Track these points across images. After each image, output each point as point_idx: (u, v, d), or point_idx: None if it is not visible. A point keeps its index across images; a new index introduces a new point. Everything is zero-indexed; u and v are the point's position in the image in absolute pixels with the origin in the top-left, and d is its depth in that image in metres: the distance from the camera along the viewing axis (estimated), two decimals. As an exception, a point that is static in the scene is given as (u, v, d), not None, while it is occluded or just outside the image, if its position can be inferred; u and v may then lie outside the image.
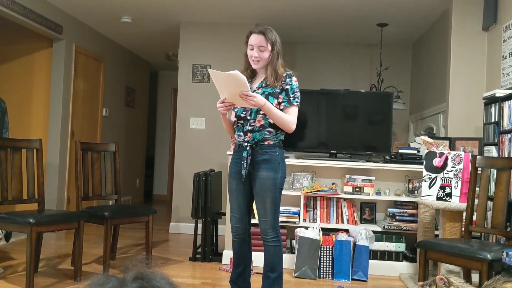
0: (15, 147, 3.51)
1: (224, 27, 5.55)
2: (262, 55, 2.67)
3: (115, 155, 4.07)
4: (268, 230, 2.70)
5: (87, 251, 4.11)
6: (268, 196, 2.68)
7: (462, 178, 3.14)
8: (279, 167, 2.69)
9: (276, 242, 2.72)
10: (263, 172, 2.67)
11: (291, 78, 2.70)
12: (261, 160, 2.67)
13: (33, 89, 5.41)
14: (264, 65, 2.72)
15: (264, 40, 2.67)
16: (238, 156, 2.74)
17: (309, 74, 6.40)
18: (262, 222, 2.72)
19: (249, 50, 2.71)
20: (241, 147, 2.72)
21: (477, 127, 4.18)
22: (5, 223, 3.23)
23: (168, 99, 8.93)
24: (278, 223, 2.76)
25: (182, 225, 5.50)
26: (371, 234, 3.77)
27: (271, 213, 2.70)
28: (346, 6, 4.86)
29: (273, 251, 2.72)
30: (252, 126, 2.67)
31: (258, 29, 2.70)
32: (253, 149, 2.68)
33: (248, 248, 2.88)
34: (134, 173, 7.62)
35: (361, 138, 4.33)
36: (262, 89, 2.70)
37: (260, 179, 2.68)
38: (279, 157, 2.70)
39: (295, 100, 2.68)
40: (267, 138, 2.68)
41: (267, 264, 2.75)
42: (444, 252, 2.69)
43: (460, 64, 4.35)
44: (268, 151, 2.67)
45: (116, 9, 5.22)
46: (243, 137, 2.70)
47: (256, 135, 2.67)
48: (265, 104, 2.55)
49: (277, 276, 2.74)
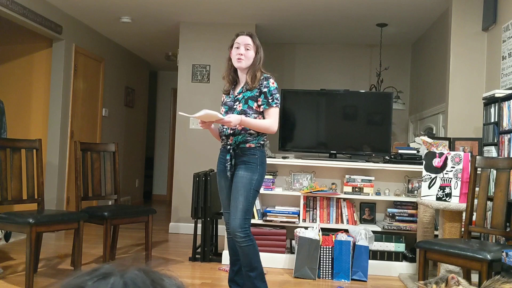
0: (14, 147, 3.51)
1: (224, 27, 5.55)
2: (247, 54, 2.79)
3: (114, 155, 4.07)
4: (237, 229, 2.70)
5: (86, 251, 4.11)
6: (242, 194, 2.73)
7: (461, 178, 3.14)
8: (256, 169, 2.77)
9: (248, 242, 2.72)
10: (241, 171, 2.76)
11: (268, 80, 2.79)
12: (241, 161, 2.78)
13: (32, 89, 5.40)
14: (247, 65, 2.80)
15: (251, 41, 2.81)
16: (222, 156, 2.88)
17: (308, 74, 6.41)
18: (232, 220, 2.74)
19: (234, 48, 2.83)
20: (225, 149, 2.84)
21: (476, 127, 4.18)
22: (4, 223, 3.23)
23: (168, 99, 8.93)
24: (249, 223, 2.76)
25: (181, 225, 5.50)
26: (370, 234, 3.77)
27: (241, 211, 2.72)
28: (346, 6, 4.87)
29: (247, 251, 2.72)
30: (233, 130, 2.78)
31: (246, 32, 2.87)
32: (235, 151, 2.78)
33: None
34: (134, 173, 7.61)
35: (361, 138, 4.33)
36: (242, 94, 2.81)
37: (237, 177, 2.77)
38: (258, 160, 2.78)
39: (274, 101, 2.77)
40: (248, 141, 2.78)
41: (245, 264, 2.76)
42: (444, 252, 2.69)
43: (460, 64, 4.35)
44: (248, 153, 2.77)
45: (116, 9, 5.22)
46: (225, 141, 2.83)
47: (237, 138, 2.78)
48: (241, 120, 2.66)
49: (257, 274, 2.75)
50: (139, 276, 0.64)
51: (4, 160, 3.40)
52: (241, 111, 2.76)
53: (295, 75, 6.43)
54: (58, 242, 4.77)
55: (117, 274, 0.64)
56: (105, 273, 0.64)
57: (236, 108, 2.79)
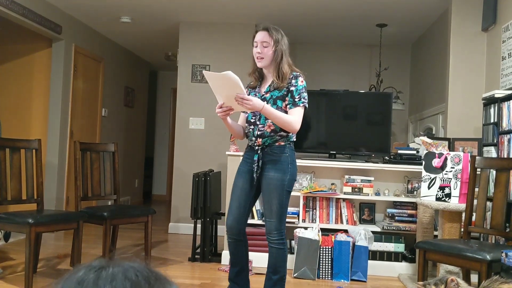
0: (14, 147, 3.50)
1: (224, 27, 5.55)
2: (265, 52, 2.62)
3: (114, 155, 4.07)
4: (273, 231, 2.66)
5: (86, 251, 4.10)
6: (275, 197, 2.63)
7: (461, 178, 3.14)
8: (288, 168, 2.64)
9: (280, 245, 2.69)
10: (271, 172, 2.63)
11: (297, 79, 2.66)
12: (270, 161, 2.64)
13: (32, 89, 5.40)
14: (268, 63, 2.66)
15: (267, 36, 2.62)
16: (249, 156, 2.73)
17: (308, 74, 6.31)
18: (268, 223, 2.69)
19: (254, 48, 2.67)
20: (252, 149, 2.71)
21: (476, 127, 4.18)
22: (4, 223, 3.22)
23: (168, 99, 8.93)
24: (284, 225, 2.70)
25: (181, 226, 5.50)
26: (370, 235, 3.77)
27: (276, 214, 2.65)
28: (346, 7, 4.87)
29: (276, 253, 2.69)
30: (261, 131, 2.65)
31: (262, 26, 2.68)
32: (263, 150, 2.66)
33: (244, 248, 2.84)
34: (133, 173, 7.61)
35: (361, 138, 4.33)
36: (270, 93, 2.67)
37: (267, 179, 2.64)
38: (288, 158, 2.65)
39: (301, 101, 2.63)
40: (278, 140, 2.65)
41: (270, 265, 2.73)
42: (443, 252, 2.69)
43: (460, 64, 4.35)
44: (277, 152, 2.64)
45: (116, 9, 5.21)
46: (254, 141, 2.69)
47: (266, 140, 2.65)
48: (263, 107, 2.49)
49: (279, 279, 2.72)
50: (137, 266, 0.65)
51: (3, 160, 3.39)
52: None
53: (295, 75, 6.42)
54: (57, 242, 4.77)
55: (115, 265, 0.64)
56: (102, 266, 0.65)
57: None
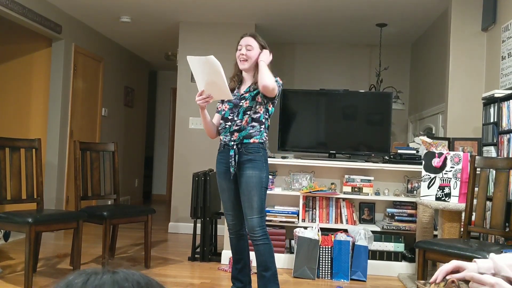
0: (14, 146, 3.50)
1: (224, 27, 5.55)
2: (249, 54, 2.80)
3: (114, 155, 4.07)
4: (256, 228, 2.75)
5: (86, 251, 4.11)
6: (255, 194, 2.74)
7: (461, 178, 3.14)
8: (263, 166, 2.79)
9: (265, 240, 2.77)
10: (248, 171, 2.76)
11: (275, 77, 2.81)
12: (246, 160, 2.77)
13: (32, 89, 5.40)
14: (251, 65, 2.82)
15: (253, 41, 2.82)
16: (223, 156, 2.86)
17: (308, 74, 6.41)
18: (249, 220, 2.77)
19: (238, 50, 2.85)
20: (226, 147, 2.83)
21: (476, 127, 4.18)
22: (3, 222, 3.23)
23: (167, 99, 8.93)
24: (265, 221, 2.82)
25: (181, 225, 5.50)
26: (370, 234, 3.77)
27: (258, 211, 2.75)
28: (345, 7, 4.87)
29: (263, 250, 2.76)
30: (238, 126, 2.78)
31: (249, 33, 2.89)
32: (239, 149, 2.77)
33: (245, 242, 2.96)
34: (133, 173, 7.61)
35: (360, 138, 4.33)
36: (249, 93, 2.82)
37: (246, 177, 2.76)
38: (262, 157, 2.80)
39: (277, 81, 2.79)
40: (252, 134, 2.77)
41: (259, 264, 2.79)
42: (443, 252, 2.69)
43: (459, 64, 4.35)
44: (252, 151, 2.78)
45: (115, 8, 5.21)
46: (229, 137, 2.81)
47: (242, 133, 2.78)
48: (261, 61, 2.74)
49: (271, 274, 2.77)
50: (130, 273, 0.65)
51: (3, 160, 3.39)
52: (247, 107, 2.79)
53: (294, 75, 6.43)
54: (57, 242, 4.77)
55: (106, 272, 0.64)
56: (95, 272, 0.65)
57: (243, 105, 2.81)
